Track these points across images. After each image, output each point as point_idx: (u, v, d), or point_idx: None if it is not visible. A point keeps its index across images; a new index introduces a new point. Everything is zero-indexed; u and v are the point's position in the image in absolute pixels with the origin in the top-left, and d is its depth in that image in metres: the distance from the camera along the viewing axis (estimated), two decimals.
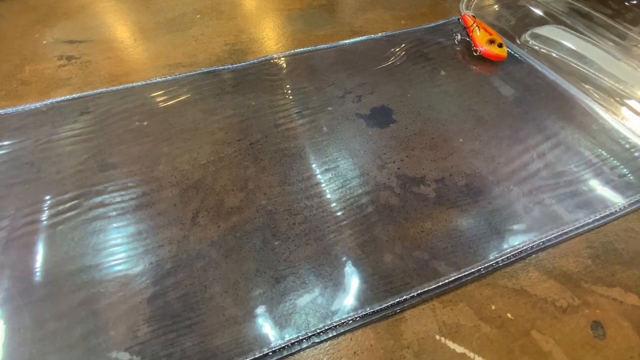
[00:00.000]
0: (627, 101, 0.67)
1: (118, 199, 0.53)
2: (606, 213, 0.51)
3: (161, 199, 0.53)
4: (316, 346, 0.41)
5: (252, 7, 0.96)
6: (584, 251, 0.48)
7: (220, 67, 0.75)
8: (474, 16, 0.80)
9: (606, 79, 0.71)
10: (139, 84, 0.72)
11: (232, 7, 0.95)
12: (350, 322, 0.42)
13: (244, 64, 0.76)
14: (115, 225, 0.51)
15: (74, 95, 0.70)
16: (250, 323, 0.42)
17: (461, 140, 0.61)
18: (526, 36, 0.82)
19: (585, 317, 0.42)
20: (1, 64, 0.78)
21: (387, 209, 0.52)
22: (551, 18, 0.86)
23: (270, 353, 0.40)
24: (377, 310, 0.42)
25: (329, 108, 0.66)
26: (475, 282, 0.45)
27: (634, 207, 0.52)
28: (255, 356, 0.39)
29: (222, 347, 0.40)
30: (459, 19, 0.83)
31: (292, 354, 0.40)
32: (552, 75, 0.72)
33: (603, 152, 0.59)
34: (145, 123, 0.64)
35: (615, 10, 0.88)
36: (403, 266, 0.46)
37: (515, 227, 0.50)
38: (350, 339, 0.41)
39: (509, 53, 0.76)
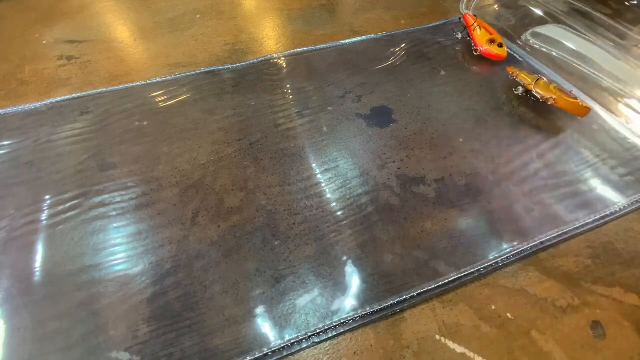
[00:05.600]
0: (627, 101, 0.67)
1: (118, 199, 0.53)
2: (606, 213, 0.51)
3: (161, 199, 0.53)
4: (316, 346, 0.41)
5: (252, 7, 0.96)
6: (584, 251, 0.48)
7: (220, 67, 0.75)
8: (475, 16, 0.80)
9: (606, 78, 0.71)
10: (139, 84, 0.72)
11: (232, 7, 0.95)
12: (350, 322, 0.42)
13: (244, 64, 0.76)
14: (115, 225, 0.51)
15: (74, 95, 0.70)
16: (250, 323, 0.42)
17: (461, 140, 0.61)
18: (527, 35, 0.82)
19: (585, 317, 0.42)
20: (1, 64, 0.78)
21: (387, 209, 0.52)
22: (551, 18, 0.86)
23: (270, 353, 0.40)
24: (377, 310, 0.42)
25: (329, 108, 0.66)
26: (475, 282, 0.45)
27: (634, 207, 0.52)
28: (255, 356, 0.39)
29: (222, 347, 0.40)
30: (460, 19, 0.83)
31: (292, 354, 0.40)
32: (552, 74, 0.72)
33: (603, 152, 0.59)
34: (145, 123, 0.64)
35: (615, 10, 0.88)
36: (403, 266, 0.46)
37: (515, 227, 0.50)
38: (350, 339, 0.41)
39: (509, 53, 0.76)
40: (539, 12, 0.89)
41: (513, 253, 0.47)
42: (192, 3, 0.97)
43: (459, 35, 0.80)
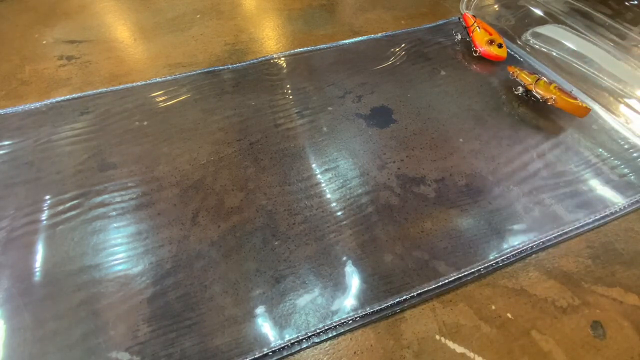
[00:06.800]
0: (627, 101, 0.67)
1: (118, 199, 0.53)
2: (606, 213, 0.51)
3: (161, 199, 0.53)
4: (316, 346, 0.41)
5: (252, 7, 0.96)
6: (584, 251, 0.48)
7: (220, 67, 0.75)
8: (474, 16, 0.80)
9: (606, 78, 0.71)
10: (139, 84, 0.72)
11: (232, 7, 0.95)
12: (350, 322, 0.42)
13: (244, 64, 0.76)
14: (115, 225, 0.51)
15: (74, 95, 0.70)
16: (250, 323, 0.42)
17: (461, 140, 0.61)
18: (527, 35, 0.82)
19: (585, 317, 0.42)
20: (1, 64, 0.78)
21: (387, 209, 0.52)
22: (551, 18, 0.86)
23: (270, 353, 0.40)
24: (377, 310, 0.42)
25: (329, 108, 0.66)
26: (475, 282, 0.45)
27: (634, 207, 0.52)
28: (255, 356, 0.39)
29: (222, 347, 0.40)
30: (459, 19, 0.83)
31: (292, 354, 0.40)
32: (552, 74, 0.72)
33: (603, 152, 0.59)
34: (145, 123, 0.64)
35: (615, 10, 0.88)
36: (403, 266, 0.46)
37: (515, 227, 0.50)
38: (350, 339, 0.41)
39: (508, 53, 0.76)
40: (539, 12, 0.89)
41: (513, 253, 0.47)
42: (192, 3, 0.97)
43: (459, 36, 0.80)
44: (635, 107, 0.66)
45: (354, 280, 0.45)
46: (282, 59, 0.77)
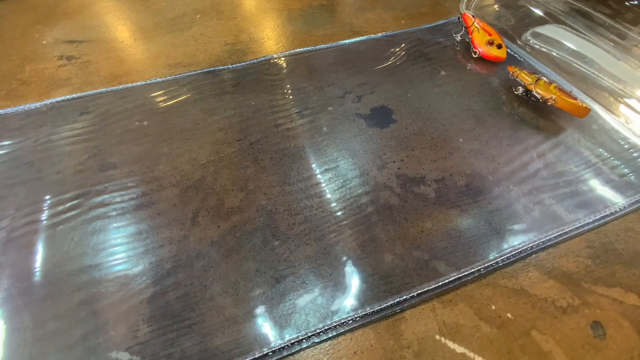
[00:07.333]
0: (627, 101, 0.67)
1: (118, 199, 0.53)
2: (606, 213, 0.51)
3: (161, 199, 0.53)
4: (316, 346, 0.41)
5: (252, 7, 0.96)
6: (584, 251, 0.48)
7: (220, 67, 0.75)
8: (474, 15, 0.80)
9: (606, 78, 0.71)
10: (139, 84, 0.72)
11: (232, 7, 0.95)
12: (350, 322, 0.42)
13: (244, 64, 0.76)
14: (115, 225, 0.51)
15: (74, 95, 0.70)
16: (250, 323, 0.42)
17: (461, 140, 0.61)
18: (527, 35, 0.82)
19: (585, 317, 0.42)
20: (1, 64, 0.78)
21: (387, 209, 0.52)
22: (551, 18, 0.86)
23: (270, 353, 0.40)
24: (377, 310, 0.42)
25: (329, 108, 0.66)
26: (475, 282, 0.45)
27: (634, 207, 0.52)
28: (255, 356, 0.39)
29: (222, 347, 0.40)
30: (459, 18, 0.83)
31: (292, 354, 0.40)
32: (552, 74, 0.72)
33: (603, 152, 0.59)
34: (145, 123, 0.64)
35: (615, 10, 0.88)
36: (403, 266, 0.46)
37: (515, 227, 0.50)
38: (350, 339, 0.41)
39: (508, 53, 0.76)
40: (539, 12, 0.89)
41: (513, 253, 0.47)
42: (192, 3, 0.97)
43: (458, 38, 0.80)
44: (635, 107, 0.66)
45: (354, 280, 0.45)
46: (282, 59, 0.77)
